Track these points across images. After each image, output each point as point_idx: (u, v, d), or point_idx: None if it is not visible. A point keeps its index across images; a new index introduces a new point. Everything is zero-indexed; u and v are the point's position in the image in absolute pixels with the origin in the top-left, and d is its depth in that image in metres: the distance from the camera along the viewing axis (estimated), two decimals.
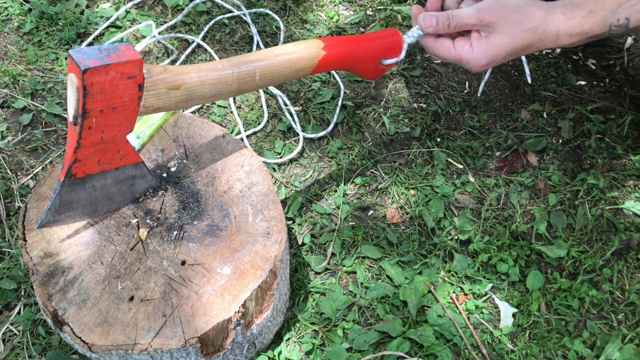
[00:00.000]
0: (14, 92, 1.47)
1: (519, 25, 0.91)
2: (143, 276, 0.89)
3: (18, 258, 1.19)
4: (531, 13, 0.91)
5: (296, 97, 1.52)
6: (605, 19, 0.90)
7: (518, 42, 0.92)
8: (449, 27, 0.95)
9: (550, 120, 1.47)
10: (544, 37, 0.92)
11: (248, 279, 0.89)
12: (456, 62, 0.96)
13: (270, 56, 0.91)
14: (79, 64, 0.73)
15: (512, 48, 0.92)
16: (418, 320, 1.12)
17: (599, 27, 0.91)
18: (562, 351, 1.10)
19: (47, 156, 1.36)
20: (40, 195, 0.96)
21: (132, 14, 1.66)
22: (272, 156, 1.39)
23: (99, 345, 0.82)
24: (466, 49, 0.94)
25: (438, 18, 0.95)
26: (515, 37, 0.91)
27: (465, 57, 0.94)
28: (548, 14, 0.91)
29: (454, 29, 0.95)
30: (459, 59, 0.95)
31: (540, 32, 0.91)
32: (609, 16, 0.90)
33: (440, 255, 1.23)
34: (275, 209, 0.97)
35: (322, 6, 1.74)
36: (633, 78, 1.55)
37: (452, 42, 0.96)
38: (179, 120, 1.08)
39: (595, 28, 0.91)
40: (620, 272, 1.20)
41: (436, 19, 0.95)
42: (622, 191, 1.33)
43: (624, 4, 0.90)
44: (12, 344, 1.09)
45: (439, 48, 0.97)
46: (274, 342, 1.09)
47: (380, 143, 1.42)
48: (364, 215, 1.30)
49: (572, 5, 0.92)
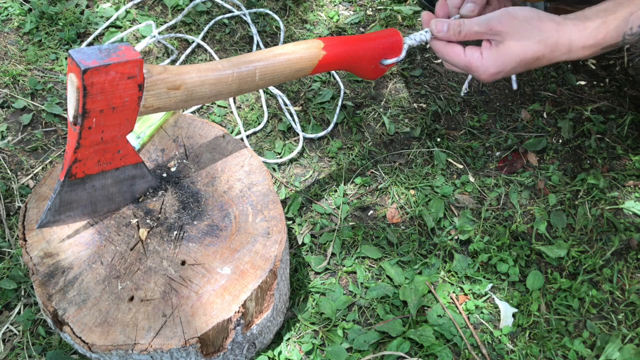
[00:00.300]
0: (14, 92, 1.47)
1: (529, 36, 0.90)
2: (143, 276, 0.89)
3: (18, 258, 1.19)
4: (542, 25, 0.90)
5: (296, 97, 1.52)
6: (619, 28, 0.90)
7: (528, 53, 0.91)
8: (460, 34, 0.95)
9: (550, 120, 1.47)
10: (555, 49, 0.91)
11: (248, 279, 0.89)
12: (465, 68, 0.96)
13: (270, 56, 0.91)
14: (79, 64, 0.73)
15: (521, 58, 0.92)
16: (418, 320, 1.12)
17: (612, 38, 0.90)
18: (562, 351, 1.10)
19: (47, 156, 1.36)
20: (40, 195, 0.96)
21: (132, 14, 1.66)
22: (272, 156, 1.39)
23: (99, 345, 0.82)
24: (476, 56, 0.94)
25: (450, 24, 0.96)
26: (525, 48, 0.91)
27: (475, 65, 0.94)
28: (560, 25, 0.90)
29: (464, 37, 0.95)
30: (469, 65, 0.95)
31: (551, 44, 0.91)
32: (622, 25, 0.89)
33: (440, 255, 1.23)
34: (275, 209, 0.97)
35: (322, 6, 1.74)
36: (633, 78, 1.55)
37: (462, 49, 0.96)
38: (179, 120, 1.08)
39: (609, 38, 0.90)
40: (620, 272, 1.20)
41: (448, 25, 0.96)
42: (622, 191, 1.33)
43: (637, 12, 0.89)
44: (12, 344, 1.09)
45: (450, 52, 0.97)
46: (274, 342, 1.09)
47: (380, 143, 1.42)
48: (364, 215, 1.30)
49: (584, 17, 0.91)
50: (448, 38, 0.97)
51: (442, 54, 0.99)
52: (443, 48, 0.98)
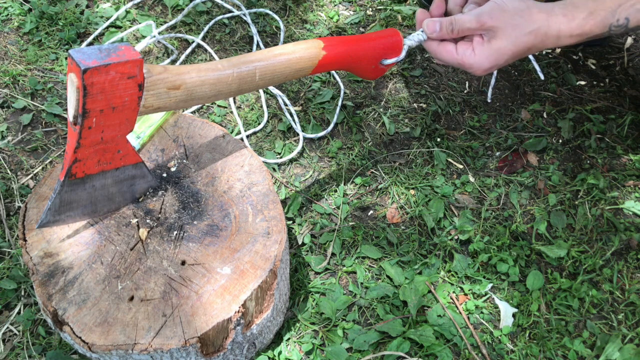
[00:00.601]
0: (14, 92, 1.47)
1: (520, 29, 0.92)
2: (143, 276, 0.89)
3: (18, 258, 1.19)
4: (532, 16, 0.92)
5: (296, 97, 1.52)
6: (605, 19, 0.92)
7: (520, 45, 0.93)
8: (452, 31, 0.96)
9: (550, 120, 1.47)
10: (545, 39, 0.93)
11: (248, 278, 0.89)
12: (459, 66, 0.97)
13: (270, 56, 0.91)
14: (79, 64, 0.74)
15: (513, 52, 0.93)
16: (418, 320, 1.12)
17: (599, 28, 0.93)
18: (562, 351, 1.10)
19: (47, 156, 1.36)
20: (40, 195, 0.96)
21: (132, 14, 1.66)
22: (272, 156, 1.39)
23: (99, 345, 0.82)
24: (468, 53, 0.95)
25: (442, 23, 0.97)
26: (517, 41, 0.92)
27: (468, 62, 0.95)
28: (549, 16, 0.92)
29: (457, 34, 0.96)
30: (462, 62, 0.96)
31: (541, 35, 0.92)
32: (609, 17, 0.92)
33: (440, 255, 1.23)
34: (275, 209, 0.97)
35: (322, 6, 1.74)
36: (633, 78, 1.55)
37: (454, 47, 0.97)
38: (179, 120, 1.08)
39: (595, 29, 0.93)
40: (620, 272, 1.20)
41: (440, 24, 0.97)
42: (622, 191, 1.33)
43: (624, 4, 0.91)
44: (12, 344, 1.09)
45: (442, 52, 0.98)
46: (274, 342, 1.09)
47: (380, 143, 1.42)
48: (364, 215, 1.30)
49: (573, 6, 0.93)
50: (442, 37, 0.98)
51: (434, 54, 1.00)
52: (436, 48, 0.99)
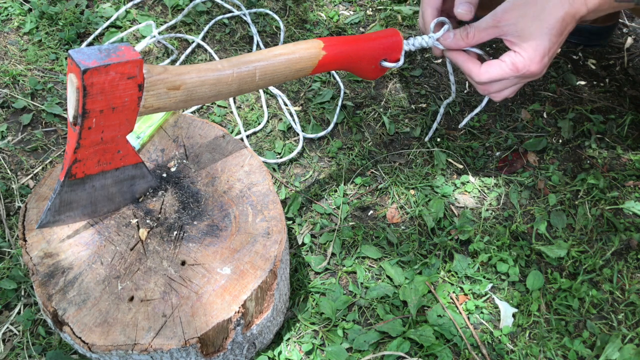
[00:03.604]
0: (14, 92, 1.47)
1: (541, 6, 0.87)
2: (143, 276, 0.89)
3: (18, 258, 1.19)
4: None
5: (296, 97, 1.52)
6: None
7: (551, 21, 0.87)
8: (467, 36, 0.93)
9: (550, 120, 1.47)
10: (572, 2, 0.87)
11: (248, 279, 0.89)
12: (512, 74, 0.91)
13: (270, 56, 0.91)
14: (79, 64, 0.74)
15: (549, 29, 0.87)
16: (418, 320, 1.12)
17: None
18: (562, 351, 1.10)
19: (47, 156, 1.36)
20: (40, 195, 0.96)
21: (132, 14, 1.66)
22: (272, 156, 1.39)
23: (99, 345, 0.82)
24: (513, 56, 0.90)
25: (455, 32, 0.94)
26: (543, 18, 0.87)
27: (521, 63, 0.90)
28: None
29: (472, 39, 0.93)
30: (515, 68, 0.90)
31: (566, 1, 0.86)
32: None
33: (440, 255, 1.23)
34: (275, 209, 0.97)
35: (322, 6, 1.74)
36: (633, 78, 1.55)
37: (500, 61, 0.93)
38: (179, 120, 1.08)
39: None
40: (620, 272, 1.20)
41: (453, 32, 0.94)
42: (622, 191, 1.33)
43: None
44: (12, 344, 1.09)
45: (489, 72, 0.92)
46: (274, 342, 1.10)
47: (380, 143, 1.42)
48: (364, 215, 1.30)
49: None
50: (457, 46, 0.95)
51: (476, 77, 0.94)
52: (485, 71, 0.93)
